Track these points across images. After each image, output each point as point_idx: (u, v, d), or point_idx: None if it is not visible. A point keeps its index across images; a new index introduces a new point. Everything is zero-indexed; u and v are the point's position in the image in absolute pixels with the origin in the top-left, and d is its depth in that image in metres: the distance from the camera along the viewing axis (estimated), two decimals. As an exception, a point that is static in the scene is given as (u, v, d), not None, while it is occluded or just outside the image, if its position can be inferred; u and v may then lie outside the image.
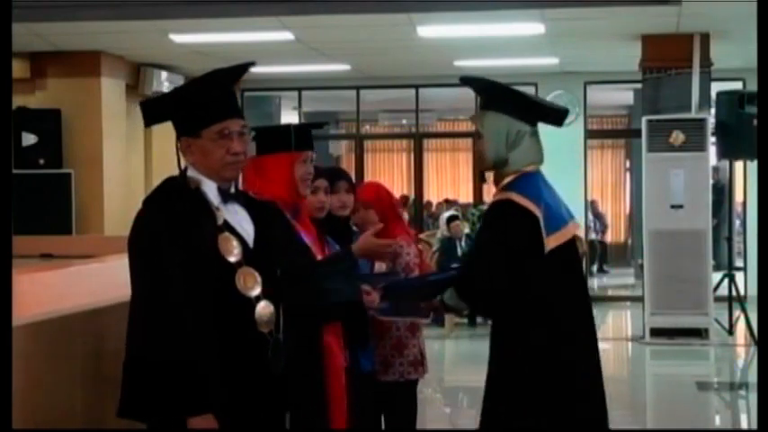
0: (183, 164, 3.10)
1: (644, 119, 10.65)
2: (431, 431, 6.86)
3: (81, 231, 11.16)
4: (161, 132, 11.95)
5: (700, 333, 10.28)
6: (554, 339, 3.53)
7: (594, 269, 17.33)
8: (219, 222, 3.01)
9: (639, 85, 11.28)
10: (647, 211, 10.55)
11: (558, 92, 13.29)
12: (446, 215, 12.62)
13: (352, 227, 4.50)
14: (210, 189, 3.05)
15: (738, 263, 12.81)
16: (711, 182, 11.02)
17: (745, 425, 7.42)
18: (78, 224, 11.26)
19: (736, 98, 10.37)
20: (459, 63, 12.25)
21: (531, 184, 3.67)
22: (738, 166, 12.12)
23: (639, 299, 10.88)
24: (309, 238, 3.70)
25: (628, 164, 19.35)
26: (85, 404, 3.41)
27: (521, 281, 3.51)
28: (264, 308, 3.02)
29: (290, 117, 15.55)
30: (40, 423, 3.14)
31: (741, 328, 10.47)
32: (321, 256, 3.72)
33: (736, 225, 14.01)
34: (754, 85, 9.59)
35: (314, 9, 8.06)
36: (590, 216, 14.75)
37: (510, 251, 3.49)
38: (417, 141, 15.51)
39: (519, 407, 3.56)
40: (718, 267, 11.51)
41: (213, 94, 3.06)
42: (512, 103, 3.74)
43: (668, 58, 10.61)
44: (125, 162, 11.99)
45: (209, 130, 3.01)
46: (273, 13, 8.80)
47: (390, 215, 4.58)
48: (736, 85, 12.30)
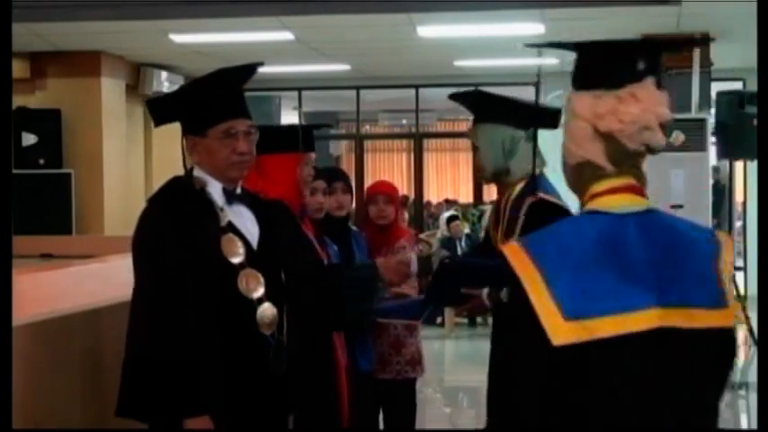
0: (189, 163, 3.10)
1: (644, 119, 10.64)
2: (431, 431, 6.86)
3: (81, 231, 11.16)
4: (161, 132, 11.93)
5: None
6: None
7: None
8: (223, 223, 3.01)
9: (639, 85, 11.27)
10: (647, 211, 10.54)
11: (558, 92, 13.28)
12: (446, 215, 12.64)
13: (351, 227, 4.52)
14: (215, 189, 3.05)
15: (738, 263, 12.80)
16: (711, 182, 11.01)
17: (745, 425, 7.41)
18: (78, 224, 11.26)
19: (736, 98, 10.37)
20: (459, 63, 12.26)
21: (547, 182, 3.64)
22: (738, 166, 12.12)
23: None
24: (310, 235, 3.72)
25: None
26: (85, 404, 3.41)
27: None
28: (267, 309, 3.02)
29: (290, 117, 15.55)
30: (40, 423, 3.14)
31: (741, 328, 10.46)
32: (321, 257, 3.74)
33: (737, 225, 14.00)
34: (754, 85, 9.61)
35: (314, 9, 8.06)
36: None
37: None
38: (417, 141, 15.51)
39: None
40: (718, 267, 11.49)
41: (220, 93, 3.05)
42: (502, 112, 3.71)
43: (668, 58, 10.59)
44: (125, 162, 11.99)
45: (215, 129, 3.00)
46: (273, 13, 8.80)
47: (399, 214, 4.68)
48: (737, 85, 12.31)
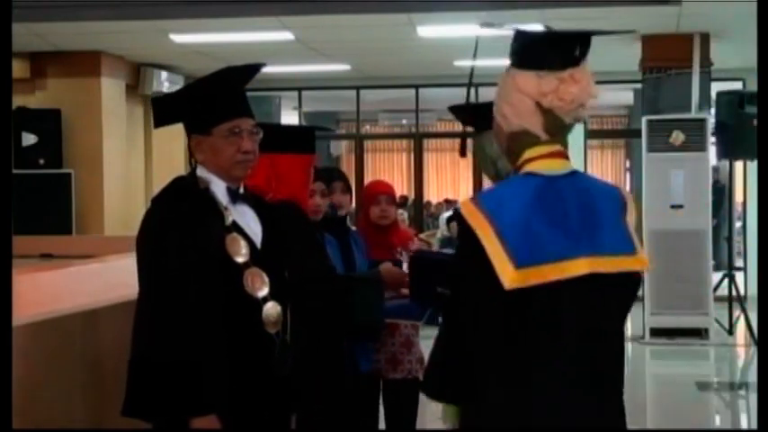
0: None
1: (644, 119, 10.65)
2: (431, 431, 6.85)
3: (81, 231, 11.16)
4: (161, 132, 11.93)
5: (700, 333, 10.28)
6: None
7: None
8: (228, 223, 3.01)
9: (639, 85, 11.29)
10: (647, 211, 10.54)
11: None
12: (446, 215, 12.62)
13: (350, 226, 4.53)
14: (219, 189, 3.05)
15: (738, 263, 12.81)
16: (711, 182, 11.02)
17: (745, 425, 7.42)
18: (78, 224, 11.26)
19: (736, 98, 10.37)
20: (459, 63, 12.25)
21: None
22: (738, 166, 12.11)
23: (639, 299, 10.89)
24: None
25: (628, 164, 19.37)
26: (85, 404, 3.41)
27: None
28: (272, 308, 3.02)
29: (290, 117, 15.55)
30: (40, 423, 3.14)
31: (741, 328, 10.47)
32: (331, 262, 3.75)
33: (737, 225, 14.00)
34: (754, 85, 9.61)
35: (314, 9, 8.08)
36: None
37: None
38: (417, 141, 15.50)
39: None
40: (718, 267, 11.51)
41: (225, 91, 3.06)
42: (479, 120, 3.71)
43: (668, 58, 10.61)
44: (125, 162, 11.99)
45: (220, 127, 3.01)
46: (273, 13, 8.81)
47: (397, 212, 4.68)
48: (736, 85, 12.30)
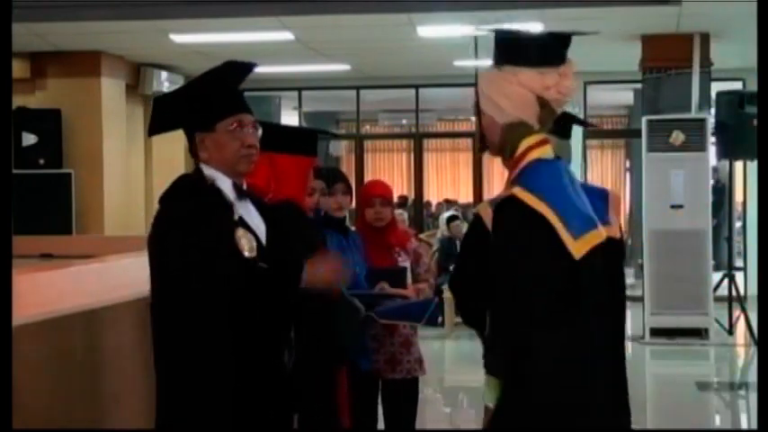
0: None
1: (644, 119, 10.65)
2: (431, 431, 6.86)
3: (81, 231, 11.16)
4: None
5: (700, 333, 10.28)
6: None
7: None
8: (236, 217, 3.01)
9: (639, 85, 11.28)
10: (647, 211, 10.55)
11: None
12: (446, 215, 12.63)
13: (349, 227, 4.53)
14: (225, 185, 3.05)
15: (738, 263, 12.81)
16: (712, 182, 11.02)
17: (745, 425, 7.42)
18: (78, 224, 11.26)
19: (736, 98, 10.37)
20: (459, 63, 12.26)
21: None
22: (738, 166, 12.12)
23: (639, 299, 10.88)
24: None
25: (628, 164, 19.35)
26: (85, 404, 3.42)
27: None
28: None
29: (290, 117, 15.55)
30: (40, 423, 3.14)
31: (741, 328, 10.47)
32: None
33: (737, 225, 14.00)
34: (754, 85, 9.60)
35: (314, 9, 8.08)
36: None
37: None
38: (417, 141, 15.51)
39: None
40: (718, 267, 11.51)
41: (226, 87, 3.09)
42: None
43: (668, 58, 10.61)
44: (125, 162, 11.99)
45: (223, 122, 3.02)
46: (273, 13, 8.81)
47: (393, 212, 4.67)
48: (736, 85, 12.30)
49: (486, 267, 2.56)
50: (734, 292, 10.48)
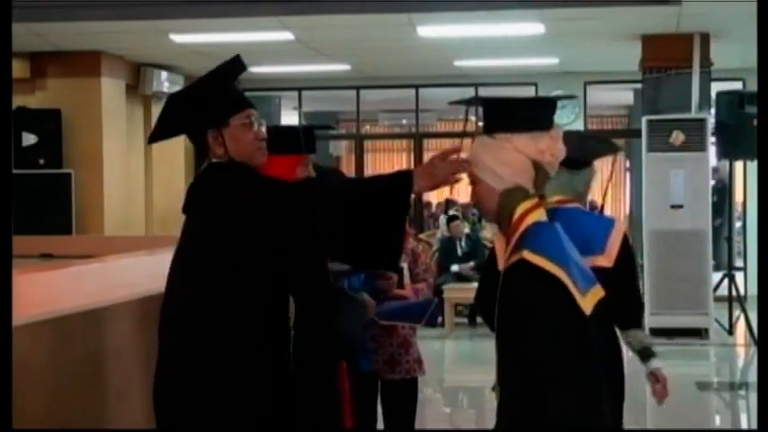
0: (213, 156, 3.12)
1: (644, 119, 10.65)
2: (431, 431, 6.86)
3: (81, 231, 11.16)
4: (161, 132, 11.91)
5: (700, 333, 10.28)
6: None
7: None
8: None
9: (639, 85, 11.29)
10: (647, 211, 10.55)
11: (558, 92, 13.30)
12: (446, 215, 12.64)
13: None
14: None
15: (738, 263, 12.81)
16: (713, 182, 11.01)
17: (745, 425, 7.42)
18: (78, 224, 11.26)
19: (736, 98, 10.37)
20: (459, 63, 12.26)
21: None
22: (738, 166, 12.12)
23: (639, 299, 10.86)
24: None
25: (628, 164, 19.34)
26: (85, 404, 3.42)
27: None
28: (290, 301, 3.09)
29: (290, 117, 15.55)
30: (40, 423, 3.14)
31: (741, 328, 10.47)
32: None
33: (737, 225, 14.00)
34: (754, 85, 9.60)
35: (314, 9, 8.07)
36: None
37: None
38: (417, 141, 15.50)
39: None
40: (718, 267, 11.51)
41: (231, 85, 3.17)
42: None
43: (668, 58, 10.61)
44: (125, 162, 11.98)
45: (237, 116, 3.07)
46: (273, 13, 8.80)
47: None
48: (736, 85, 12.30)
49: None
50: (734, 292, 10.48)
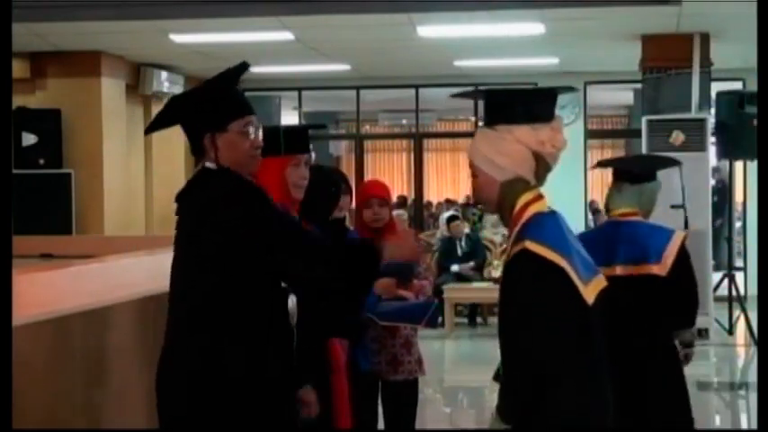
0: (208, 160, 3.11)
1: (644, 119, 10.65)
2: (431, 431, 6.86)
3: (81, 231, 11.16)
4: (161, 132, 11.91)
5: (700, 333, 10.28)
6: None
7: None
8: None
9: (639, 85, 11.29)
10: (647, 211, 10.54)
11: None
12: (446, 215, 12.64)
13: (349, 227, 4.52)
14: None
15: (738, 263, 12.81)
16: (713, 182, 11.01)
17: (745, 425, 7.42)
18: (78, 224, 11.26)
19: (736, 98, 10.37)
20: (459, 63, 12.26)
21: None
22: (738, 166, 12.12)
23: (639, 299, 10.86)
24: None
25: (628, 164, 19.33)
26: (85, 404, 3.42)
27: None
28: (290, 300, 3.07)
29: (290, 117, 15.55)
30: (40, 423, 3.14)
31: (741, 328, 10.47)
32: None
33: (737, 225, 14.00)
34: (754, 85, 9.60)
35: (314, 9, 8.07)
36: (590, 216, 14.75)
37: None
38: (417, 141, 15.51)
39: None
40: (718, 267, 11.51)
41: (234, 90, 3.15)
42: None
43: (668, 58, 10.61)
44: (125, 162, 11.98)
45: (236, 122, 3.06)
46: (273, 13, 8.80)
47: (391, 212, 4.65)
48: (736, 85, 12.31)
49: None
50: (734, 292, 10.48)
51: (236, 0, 7.80)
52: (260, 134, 3.11)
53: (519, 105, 2.77)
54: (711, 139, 10.49)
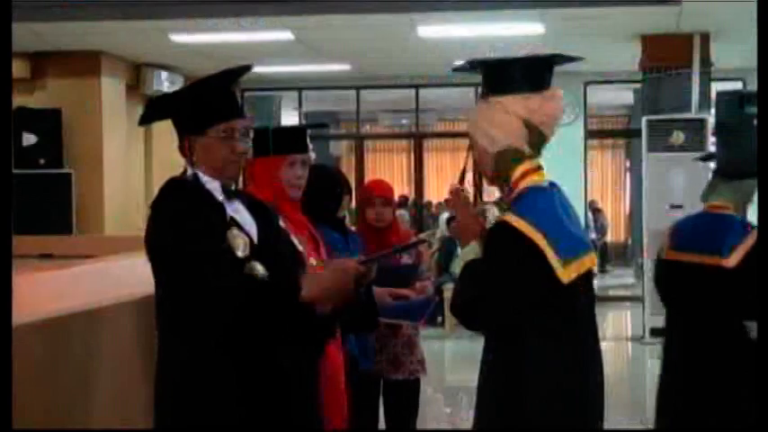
0: (185, 164, 3.10)
1: (644, 119, 10.66)
2: (431, 431, 6.86)
3: (81, 231, 11.16)
4: (161, 132, 11.97)
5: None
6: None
7: (595, 269, 17.33)
8: (228, 218, 3.01)
9: (639, 85, 11.29)
10: (647, 210, 10.55)
11: (558, 89, 13.29)
12: (446, 215, 12.63)
13: (349, 227, 4.52)
14: (215, 187, 3.05)
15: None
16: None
17: None
18: (78, 224, 11.26)
19: (736, 98, 10.34)
20: (460, 63, 12.25)
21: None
22: (738, 166, 12.08)
23: (639, 299, 10.87)
24: (302, 236, 3.66)
25: (628, 164, 19.36)
26: (86, 404, 3.41)
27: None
28: None
29: (290, 117, 15.56)
30: (40, 423, 3.14)
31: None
32: (315, 254, 3.69)
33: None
34: (754, 85, 9.57)
35: (314, 9, 8.06)
36: (590, 216, 14.75)
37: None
38: (417, 141, 15.51)
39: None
40: (718, 267, 11.49)
41: (221, 93, 3.07)
42: None
43: (668, 58, 10.62)
44: (125, 162, 11.99)
45: (214, 128, 3.01)
46: (273, 13, 8.80)
47: (394, 212, 4.66)
48: (737, 85, 12.30)
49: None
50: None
51: (236, 0, 7.80)
52: (247, 139, 3.06)
53: (508, 75, 2.83)
54: (711, 139, 10.49)
